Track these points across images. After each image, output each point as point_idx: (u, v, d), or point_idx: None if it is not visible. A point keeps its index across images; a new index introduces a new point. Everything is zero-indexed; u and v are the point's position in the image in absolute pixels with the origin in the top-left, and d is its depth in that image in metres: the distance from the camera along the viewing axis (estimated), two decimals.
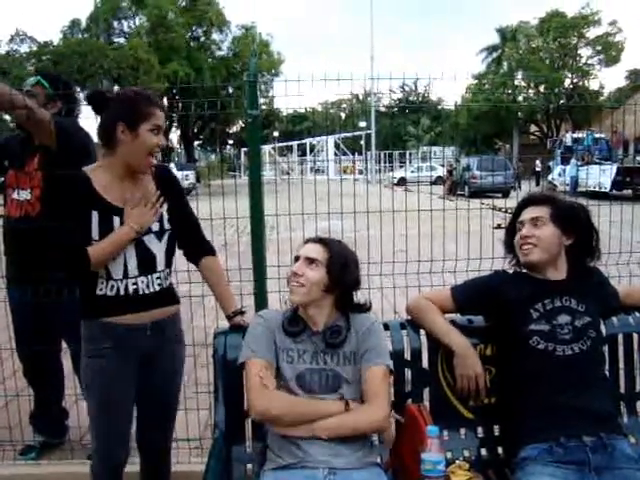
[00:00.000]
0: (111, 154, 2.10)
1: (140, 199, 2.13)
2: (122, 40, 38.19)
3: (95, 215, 2.06)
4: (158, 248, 2.20)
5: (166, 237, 2.23)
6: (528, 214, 2.25)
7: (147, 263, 2.18)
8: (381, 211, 2.99)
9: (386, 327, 2.27)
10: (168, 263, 2.26)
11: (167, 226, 2.22)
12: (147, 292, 2.18)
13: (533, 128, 47.31)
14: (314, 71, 2.91)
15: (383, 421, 1.95)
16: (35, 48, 34.42)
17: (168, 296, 2.28)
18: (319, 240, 2.06)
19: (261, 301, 2.74)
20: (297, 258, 2.04)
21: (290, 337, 2.02)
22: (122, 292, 2.13)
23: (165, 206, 2.23)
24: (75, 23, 37.58)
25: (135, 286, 2.15)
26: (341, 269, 2.01)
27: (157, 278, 2.20)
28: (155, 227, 2.19)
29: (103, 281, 2.13)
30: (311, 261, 1.99)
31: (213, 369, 2.30)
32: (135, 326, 2.16)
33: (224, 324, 2.42)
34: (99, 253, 2.05)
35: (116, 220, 2.09)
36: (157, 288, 2.20)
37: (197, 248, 2.39)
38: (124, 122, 2.04)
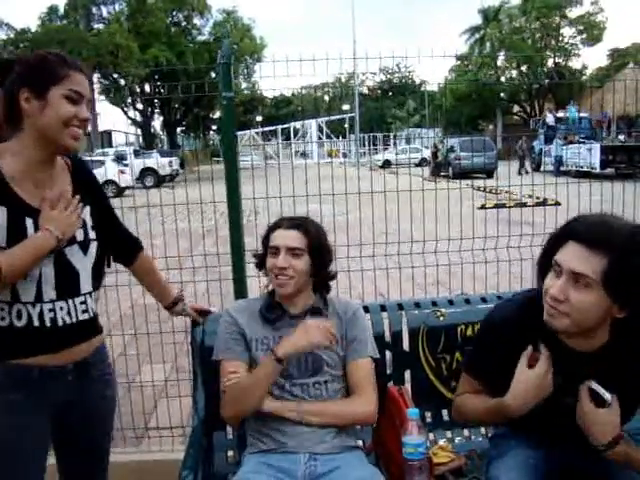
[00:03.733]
0: (18, 132, 1.60)
1: (59, 196, 1.64)
2: (102, 26, 37.62)
3: (3, 213, 1.55)
4: (82, 264, 1.69)
5: (93, 249, 1.73)
6: (570, 259, 1.48)
7: (69, 283, 1.66)
8: (360, 192, 2.95)
9: (366, 309, 2.24)
10: (96, 283, 1.76)
11: (92, 235, 1.74)
12: (68, 322, 1.66)
13: (516, 108, 47.40)
14: (296, 54, 2.84)
15: (370, 415, 1.94)
16: (12, 35, 33.83)
17: (93, 326, 1.78)
18: (295, 226, 1.97)
19: (240, 287, 2.70)
20: (275, 248, 1.94)
21: (269, 324, 1.97)
22: (35, 322, 1.61)
23: (88, 209, 1.76)
24: (53, 9, 36.94)
25: (52, 314, 1.63)
26: (321, 251, 1.98)
27: (82, 303, 1.70)
28: (79, 236, 1.69)
29: (6, 307, 1.59)
30: (293, 251, 1.94)
31: (191, 356, 2.27)
32: (53, 369, 1.66)
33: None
34: (16, 263, 1.53)
35: (29, 222, 1.58)
36: (82, 317, 1.70)
37: (128, 247, 2.02)
38: (28, 87, 1.55)
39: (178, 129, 46.41)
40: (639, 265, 1.41)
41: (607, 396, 1.60)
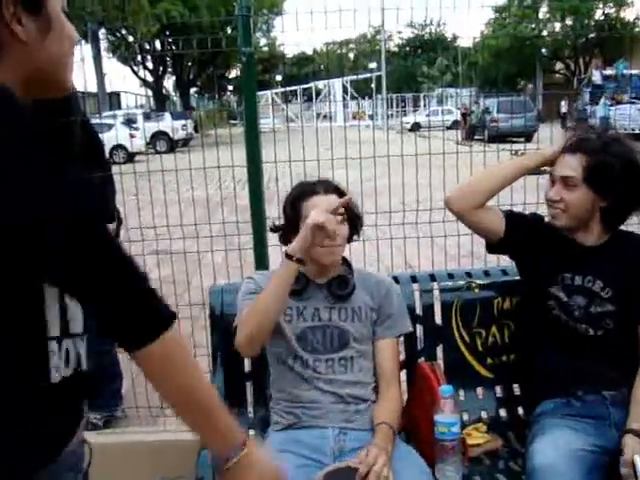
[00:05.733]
0: None
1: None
2: None
3: None
4: None
5: None
6: (561, 168, 2.03)
7: None
8: (389, 156, 2.93)
9: (396, 280, 2.25)
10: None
11: None
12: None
13: (559, 66, 46.34)
14: (320, 8, 2.83)
15: (399, 415, 1.98)
16: None
17: None
18: (333, 190, 1.98)
19: (261, 257, 2.73)
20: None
21: (293, 294, 1.98)
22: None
23: None
24: None
25: None
26: (357, 216, 2.02)
27: None
28: None
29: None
30: (339, 216, 1.92)
31: (210, 329, 2.30)
32: None
33: (223, 282, 2.41)
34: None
35: None
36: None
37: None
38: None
39: (191, 90, 46.36)
40: (608, 162, 1.94)
41: None
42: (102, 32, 35.59)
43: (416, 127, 23.80)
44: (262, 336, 1.89)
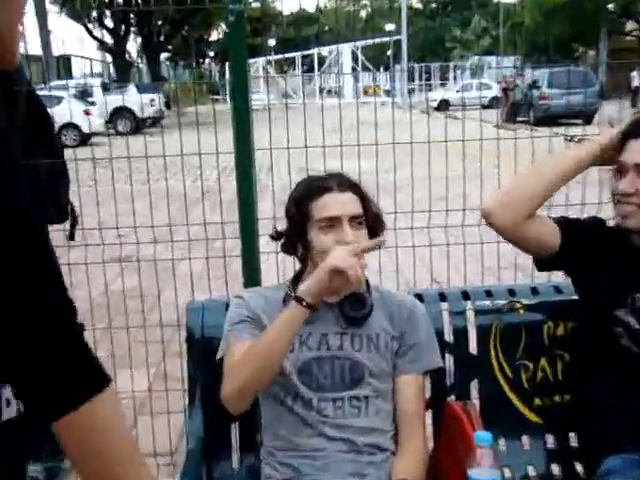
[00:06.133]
0: None
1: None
2: None
3: None
4: None
5: None
6: (632, 155, 2.01)
7: None
8: (412, 142, 2.95)
9: (420, 298, 2.26)
10: None
11: None
12: None
13: (630, 26, 46.21)
14: None
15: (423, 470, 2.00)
16: None
17: None
18: (350, 187, 1.99)
19: (251, 266, 2.75)
20: (331, 220, 1.93)
21: None
22: None
23: None
24: None
25: None
26: (378, 219, 2.05)
27: None
28: None
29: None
30: (357, 220, 1.96)
31: (187, 356, 2.32)
32: None
33: (204, 297, 2.43)
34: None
35: None
36: None
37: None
38: None
39: (162, 55, 46.45)
40: None
41: None
42: None
43: (444, 105, 23.96)
44: (256, 390, 1.93)
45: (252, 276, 2.74)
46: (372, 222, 2.01)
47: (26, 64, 3.66)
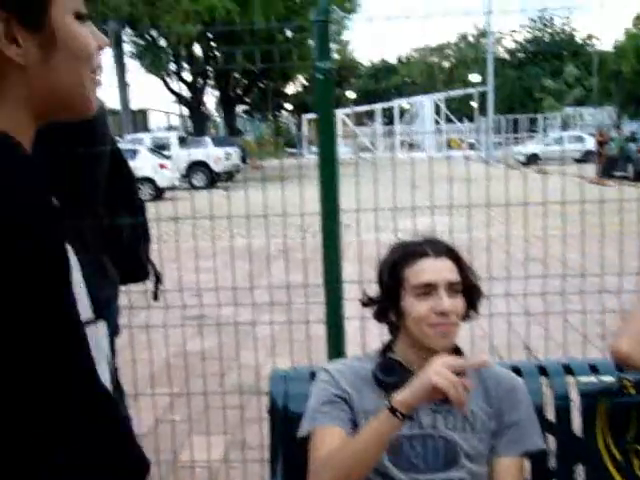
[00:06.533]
0: None
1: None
2: None
3: None
4: None
5: None
6: None
7: None
8: (508, 204, 2.92)
9: (517, 372, 2.21)
10: None
11: None
12: None
13: None
14: (402, 5, 2.91)
15: None
16: None
17: None
18: (447, 252, 1.98)
19: (336, 333, 2.75)
20: (428, 286, 1.92)
21: (387, 391, 1.96)
22: None
23: None
24: None
25: None
26: (474, 287, 2.02)
27: None
28: None
29: None
30: (454, 287, 1.94)
31: (269, 428, 2.31)
32: None
33: (283, 362, 2.43)
34: None
35: None
36: None
37: None
38: (7, 10, 1.02)
39: (239, 108, 47.51)
40: None
41: None
42: (127, 33, 37.07)
43: (533, 159, 23.81)
44: None
45: (337, 345, 2.74)
46: (469, 290, 1.99)
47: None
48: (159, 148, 21.26)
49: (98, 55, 1.16)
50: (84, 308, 1.10)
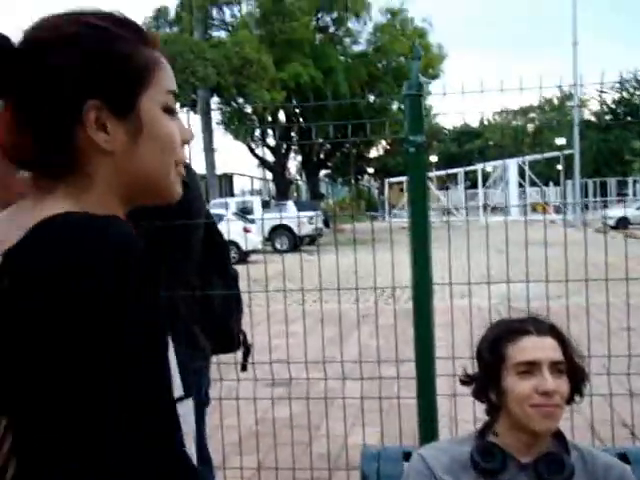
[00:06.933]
0: (62, 186, 1.09)
1: None
2: (223, 34, 40.02)
3: None
4: None
5: None
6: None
7: None
8: (607, 279, 2.85)
9: (624, 459, 2.11)
10: None
11: None
12: None
13: None
14: (484, 69, 2.92)
15: None
16: None
17: None
18: (549, 330, 1.94)
19: (428, 411, 2.69)
20: (531, 364, 1.88)
21: (486, 477, 1.91)
22: None
23: None
24: (162, 12, 39.43)
25: None
26: (579, 370, 1.95)
27: None
28: None
29: None
30: (558, 366, 1.89)
31: None
32: None
33: (373, 434, 2.39)
34: None
35: None
36: None
37: None
38: (99, 97, 1.07)
39: (321, 172, 48.00)
40: None
41: None
42: (215, 101, 38.07)
43: (623, 223, 23.28)
44: None
45: (429, 424, 2.69)
46: (573, 371, 1.92)
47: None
48: (243, 212, 21.62)
49: (183, 148, 1.20)
50: (176, 385, 1.12)
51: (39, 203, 1.05)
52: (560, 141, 41.25)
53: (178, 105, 1.36)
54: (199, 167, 31.98)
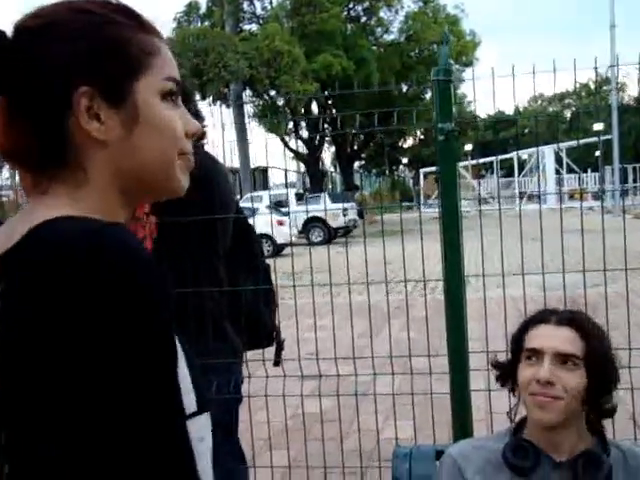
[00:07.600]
0: (58, 184, 1.05)
1: None
2: (255, 27, 40.25)
3: None
4: None
5: None
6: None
7: None
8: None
9: None
10: None
11: None
12: None
13: None
14: (518, 54, 2.86)
15: None
16: None
17: None
18: (568, 321, 1.88)
19: (462, 405, 2.64)
20: (534, 352, 1.86)
21: (519, 475, 1.86)
22: None
23: None
24: (192, 6, 39.69)
25: None
26: (605, 366, 1.87)
27: None
28: None
29: None
30: (565, 358, 1.84)
31: None
32: None
33: (406, 428, 2.34)
34: None
35: None
36: None
37: None
38: (92, 83, 1.03)
39: (355, 164, 47.96)
40: None
41: None
42: (247, 94, 38.21)
43: None
44: None
45: (463, 420, 2.63)
46: (594, 365, 1.84)
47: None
48: (277, 205, 21.64)
49: (188, 140, 1.15)
50: (188, 400, 1.07)
51: (36, 205, 1.03)
52: (598, 126, 40.79)
53: (210, 99, 1.31)
54: (233, 161, 32.14)
